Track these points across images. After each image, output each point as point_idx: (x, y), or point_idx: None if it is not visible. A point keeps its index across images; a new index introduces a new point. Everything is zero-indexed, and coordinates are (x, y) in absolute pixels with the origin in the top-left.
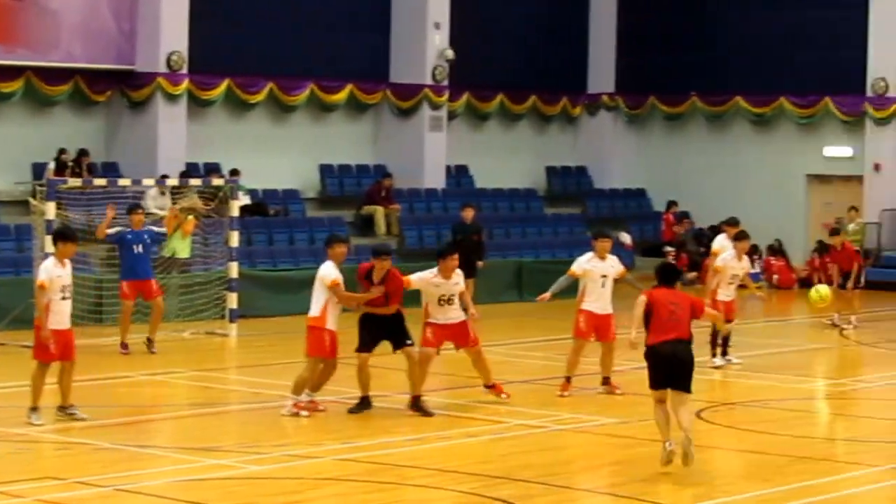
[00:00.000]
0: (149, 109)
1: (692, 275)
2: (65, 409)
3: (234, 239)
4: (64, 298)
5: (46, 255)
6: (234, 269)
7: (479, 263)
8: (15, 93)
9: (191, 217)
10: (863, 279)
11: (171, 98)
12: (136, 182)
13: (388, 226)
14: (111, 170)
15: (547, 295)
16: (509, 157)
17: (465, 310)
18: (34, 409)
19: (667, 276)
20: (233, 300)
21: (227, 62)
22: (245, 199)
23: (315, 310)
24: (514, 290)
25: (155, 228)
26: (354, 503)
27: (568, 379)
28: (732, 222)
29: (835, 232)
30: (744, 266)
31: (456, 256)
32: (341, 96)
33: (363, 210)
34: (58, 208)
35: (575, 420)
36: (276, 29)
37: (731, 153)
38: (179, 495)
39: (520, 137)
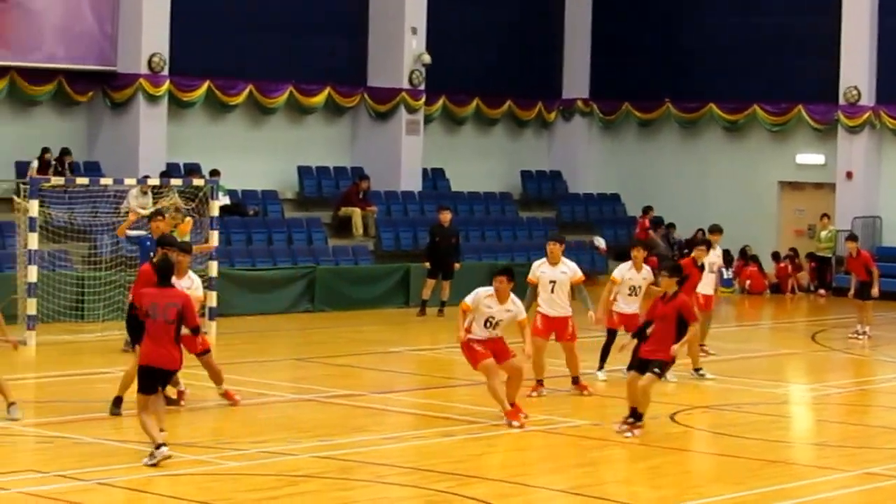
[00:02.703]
0: (130, 110)
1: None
2: None
3: (214, 238)
4: None
5: (28, 252)
6: (213, 268)
7: (456, 265)
8: None
9: (188, 217)
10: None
11: (152, 99)
12: (118, 181)
13: (364, 227)
14: (93, 169)
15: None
16: (485, 161)
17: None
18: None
19: None
20: (212, 298)
21: (207, 64)
22: (224, 200)
23: None
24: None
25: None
26: (330, 500)
27: (539, 381)
28: (716, 230)
29: (852, 238)
30: (644, 277)
31: (502, 279)
32: (319, 99)
33: (340, 211)
34: (41, 206)
35: (548, 421)
36: (256, 32)
37: (704, 159)
38: (158, 490)
39: (495, 142)
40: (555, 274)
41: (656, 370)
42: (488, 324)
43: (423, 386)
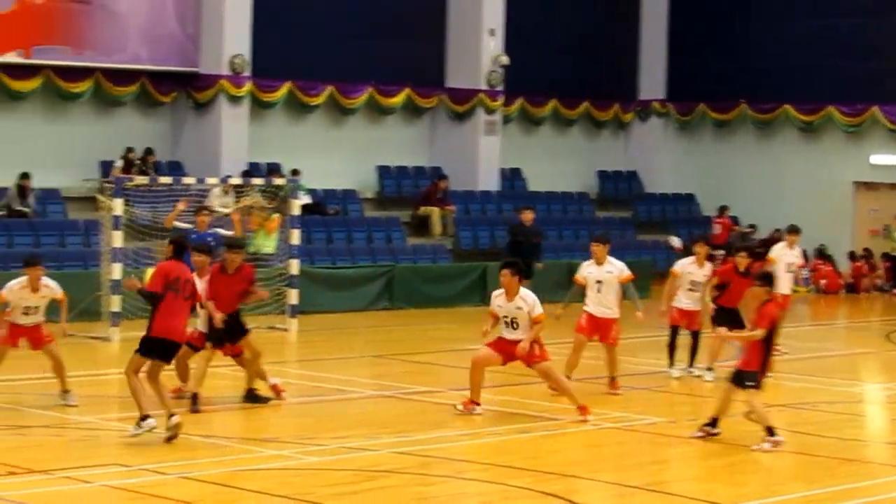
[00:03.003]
0: (212, 110)
1: None
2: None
3: (295, 237)
4: None
5: (112, 250)
6: (294, 266)
7: (538, 265)
8: (84, 93)
9: (275, 215)
10: None
11: (234, 100)
12: (200, 181)
13: (443, 226)
14: (176, 168)
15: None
16: (562, 161)
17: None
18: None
19: None
20: (293, 296)
21: (288, 65)
22: (305, 199)
23: None
24: (566, 290)
25: (221, 231)
26: (409, 495)
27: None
28: (794, 230)
29: None
30: (705, 273)
31: (505, 272)
32: (398, 100)
33: (419, 211)
34: (125, 205)
35: (624, 419)
36: (336, 34)
37: (779, 160)
38: (240, 484)
39: (572, 142)
40: (601, 274)
41: (750, 384)
42: (506, 324)
43: (499, 383)
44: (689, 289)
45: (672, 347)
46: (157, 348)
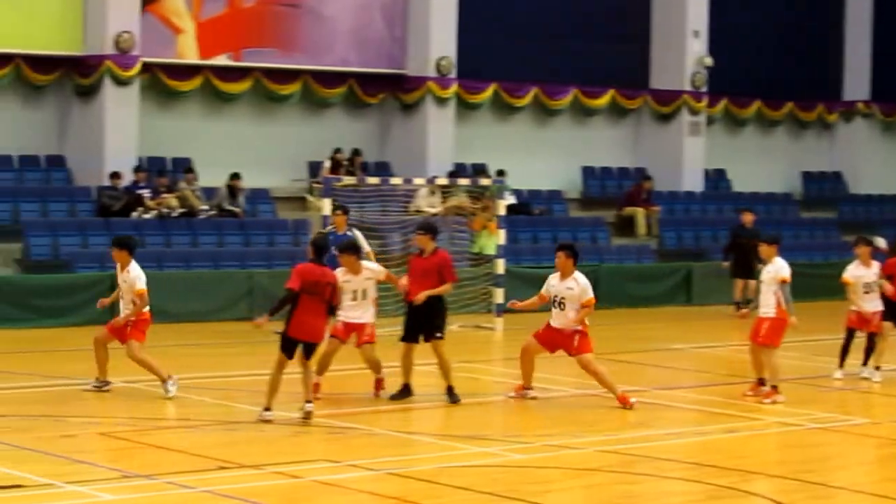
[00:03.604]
0: (419, 112)
1: None
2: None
3: (501, 237)
4: None
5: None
6: (500, 266)
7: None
8: (292, 95)
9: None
10: None
11: (440, 101)
12: (407, 181)
13: (647, 227)
14: (383, 169)
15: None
16: (766, 162)
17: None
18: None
19: None
20: (499, 295)
21: (494, 67)
22: (511, 199)
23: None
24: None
25: (357, 232)
26: (614, 493)
27: (759, 381)
28: None
29: None
30: (875, 272)
31: (560, 254)
32: (603, 101)
33: (623, 211)
34: (333, 205)
35: (831, 419)
36: (541, 36)
37: None
38: (446, 480)
39: (776, 143)
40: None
41: None
42: (554, 305)
43: (704, 382)
44: (865, 291)
45: (845, 350)
46: (293, 347)
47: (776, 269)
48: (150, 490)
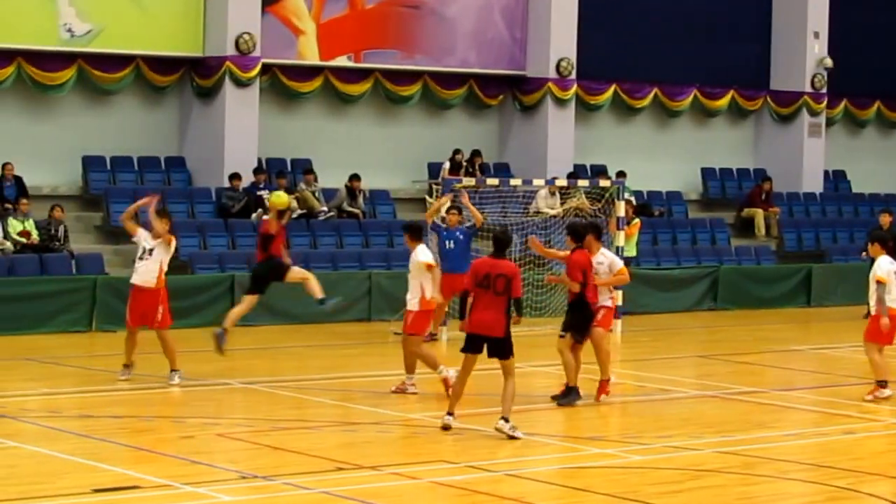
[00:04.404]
0: (539, 113)
1: None
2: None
3: (620, 238)
4: None
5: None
6: None
7: None
8: (413, 96)
9: (637, 220)
10: None
11: (560, 102)
12: (527, 182)
13: (767, 228)
14: (502, 170)
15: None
16: (887, 163)
17: None
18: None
19: None
20: (618, 297)
21: (614, 68)
22: (631, 201)
23: None
24: None
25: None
26: (733, 495)
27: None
28: None
29: None
30: None
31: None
32: (723, 102)
33: (743, 212)
34: None
35: None
36: (661, 37)
37: None
38: (564, 482)
39: (895, 144)
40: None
41: None
42: None
43: (824, 384)
44: None
45: None
46: (474, 343)
47: (874, 268)
48: (268, 491)
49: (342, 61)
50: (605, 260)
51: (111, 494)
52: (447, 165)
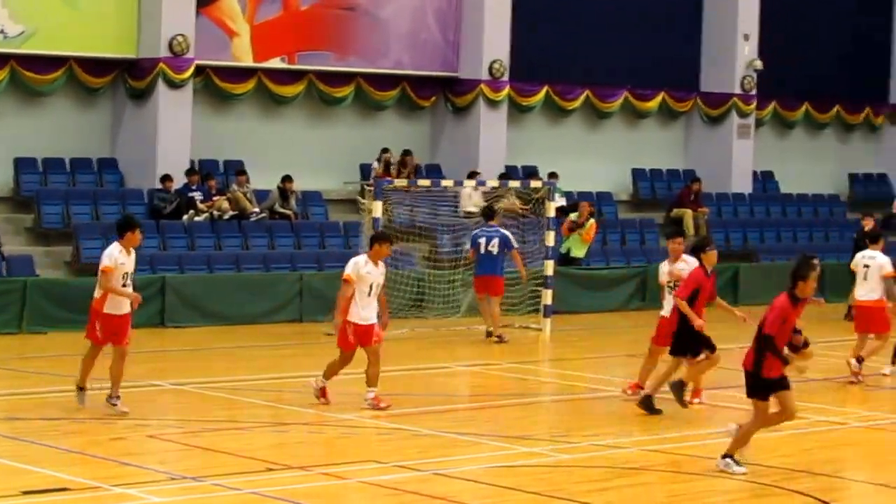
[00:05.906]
0: (471, 114)
1: None
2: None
3: (550, 238)
4: (124, 285)
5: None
6: (549, 267)
7: None
8: (346, 98)
9: (592, 221)
10: None
11: (493, 104)
12: (458, 183)
13: (696, 228)
14: (434, 171)
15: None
16: (813, 164)
17: None
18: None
19: None
20: (547, 296)
21: (546, 70)
22: (561, 201)
23: None
24: (817, 292)
25: (505, 231)
26: (660, 492)
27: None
28: None
29: None
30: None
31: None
32: (653, 104)
33: (673, 213)
34: (384, 207)
35: (871, 417)
36: (592, 39)
37: None
38: (493, 480)
39: (824, 145)
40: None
41: None
42: (670, 289)
43: None
44: None
45: None
46: None
47: (882, 264)
48: (198, 492)
49: (276, 63)
50: (686, 267)
51: (40, 496)
52: (376, 165)
